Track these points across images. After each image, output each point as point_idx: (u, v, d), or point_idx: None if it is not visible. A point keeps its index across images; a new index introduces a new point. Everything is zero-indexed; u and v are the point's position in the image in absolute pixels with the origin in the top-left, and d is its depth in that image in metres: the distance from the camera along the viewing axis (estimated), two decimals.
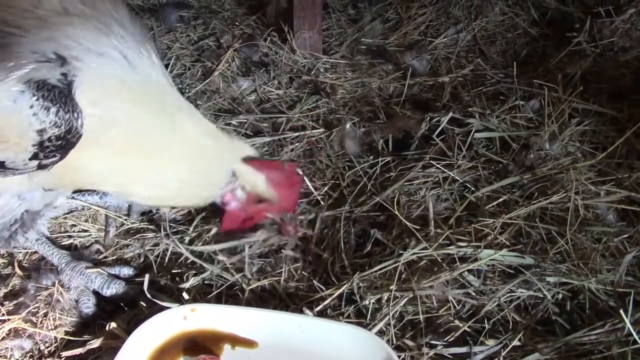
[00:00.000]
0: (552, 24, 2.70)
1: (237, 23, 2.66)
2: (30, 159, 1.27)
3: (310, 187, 1.84)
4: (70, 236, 1.75)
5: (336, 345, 1.33)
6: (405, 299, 1.46)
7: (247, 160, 1.53)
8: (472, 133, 1.93)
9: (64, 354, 1.42)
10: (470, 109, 2.06)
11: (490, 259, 1.52)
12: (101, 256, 1.69)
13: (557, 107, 2.03)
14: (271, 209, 1.60)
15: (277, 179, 1.56)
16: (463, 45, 2.58)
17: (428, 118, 2.02)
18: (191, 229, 1.72)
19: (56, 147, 1.26)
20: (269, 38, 2.50)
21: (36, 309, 1.53)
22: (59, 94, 1.22)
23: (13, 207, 1.45)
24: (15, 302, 1.54)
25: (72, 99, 1.24)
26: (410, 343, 1.40)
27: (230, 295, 1.54)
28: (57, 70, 1.23)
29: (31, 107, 1.20)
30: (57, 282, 1.58)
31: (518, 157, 1.89)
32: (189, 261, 1.63)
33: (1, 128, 1.23)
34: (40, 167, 1.30)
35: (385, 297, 1.47)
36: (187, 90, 2.25)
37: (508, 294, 1.49)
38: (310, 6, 2.37)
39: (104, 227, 1.77)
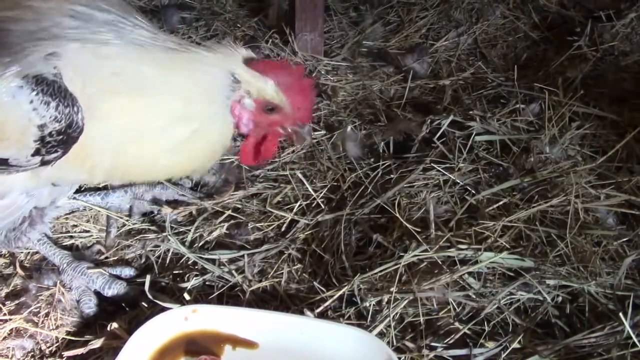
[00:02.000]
0: (552, 28, 2.70)
1: (238, 25, 2.67)
2: (32, 155, 1.27)
3: (310, 188, 1.85)
4: (71, 236, 1.76)
5: (337, 347, 1.34)
6: (406, 301, 1.47)
7: (248, 62, 1.40)
8: (472, 136, 1.94)
9: (66, 354, 1.43)
10: (471, 112, 2.07)
11: (490, 262, 1.53)
12: (102, 257, 1.70)
13: (557, 110, 2.05)
14: (286, 120, 1.45)
15: (286, 81, 1.41)
16: (464, 48, 2.58)
17: (429, 121, 2.02)
18: (192, 229, 1.72)
19: (57, 142, 1.26)
20: (271, 40, 2.50)
21: (37, 309, 1.54)
22: (57, 88, 1.22)
23: (21, 204, 1.45)
24: (16, 302, 1.55)
25: (71, 93, 1.24)
26: (410, 345, 1.41)
27: (231, 297, 1.55)
28: (51, 64, 1.23)
29: (31, 102, 1.21)
30: (58, 282, 1.59)
31: (518, 160, 1.89)
32: (190, 262, 1.64)
33: (1, 124, 1.23)
34: (44, 163, 1.30)
35: (386, 299, 1.47)
36: None
37: (508, 297, 1.49)
38: (312, 9, 2.37)
39: (105, 228, 1.78)
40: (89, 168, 1.36)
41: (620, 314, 1.38)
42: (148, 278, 1.48)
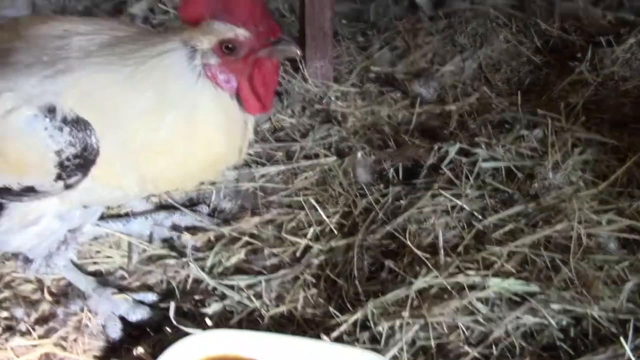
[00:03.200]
0: (554, 52, 2.78)
1: None
2: (55, 180, 1.36)
3: (323, 214, 1.92)
4: (95, 262, 1.83)
5: None
6: (417, 326, 1.53)
7: (179, 13, 1.38)
8: (478, 163, 2.01)
9: None
10: (476, 138, 2.14)
11: (498, 287, 1.60)
12: (125, 282, 1.77)
13: (560, 136, 2.12)
14: (254, 45, 1.36)
15: (221, 5, 1.33)
16: (469, 73, 2.65)
17: (436, 148, 2.09)
18: (211, 255, 1.80)
19: (76, 165, 1.34)
20: (282, 67, 2.57)
21: (66, 334, 1.61)
22: (69, 114, 1.31)
23: (54, 228, 1.53)
24: (45, 327, 1.62)
25: (82, 117, 1.32)
26: None
27: (250, 322, 1.61)
28: (56, 91, 1.31)
29: (46, 129, 1.30)
30: (85, 307, 1.66)
31: (523, 186, 1.96)
32: (210, 287, 1.71)
33: (22, 152, 1.34)
34: (67, 187, 1.38)
35: (398, 324, 1.54)
36: None
37: (515, 321, 1.56)
38: (321, 37, 2.45)
39: (127, 254, 1.85)
40: (117, 185, 1.42)
41: (621, 338, 1.44)
42: (172, 305, 1.55)
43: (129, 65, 1.35)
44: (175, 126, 1.37)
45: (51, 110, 1.30)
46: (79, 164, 1.34)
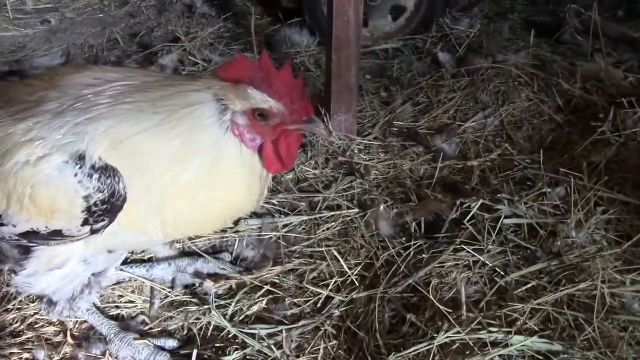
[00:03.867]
0: (576, 111, 2.80)
1: None
2: (82, 225, 1.40)
3: (344, 266, 1.93)
4: (117, 306, 1.85)
5: None
6: None
7: (220, 72, 1.44)
8: (501, 219, 2.01)
9: None
10: (499, 194, 2.15)
11: (520, 345, 1.58)
12: (147, 327, 1.78)
13: (582, 194, 2.12)
14: (285, 119, 1.41)
15: (262, 78, 1.38)
16: (491, 129, 2.68)
17: (459, 203, 2.10)
18: (233, 303, 1.80)
19: (103, 211, 1.38)
20: None
21: None
22: (97, 161, 1.36)
23: (79, 271, 1.56)
24: None
25: (111, 165, 1.36)
26: None
27: None
28: (87, 140, 1.36)
29: (75, 175, 1.35)
30: (106, 351, 1.67)
31: (545, 244, 1.96)
32: (230, 335, 1.71)
33: (51, 197, 1.38)
34: (93, 231, 1.42)
35: None
36: None
37: None
38: (347, 92, 2.50)
39: (149, 299, 1.86)
40: (142, 228, 1.45)
41: None
42: (195, 352, 1.56)
43: (159, 112, 1.40)
44: (199, 173, 1.42)
45: (81, 158, 1.35)
46: (106, 209, 1.38)
